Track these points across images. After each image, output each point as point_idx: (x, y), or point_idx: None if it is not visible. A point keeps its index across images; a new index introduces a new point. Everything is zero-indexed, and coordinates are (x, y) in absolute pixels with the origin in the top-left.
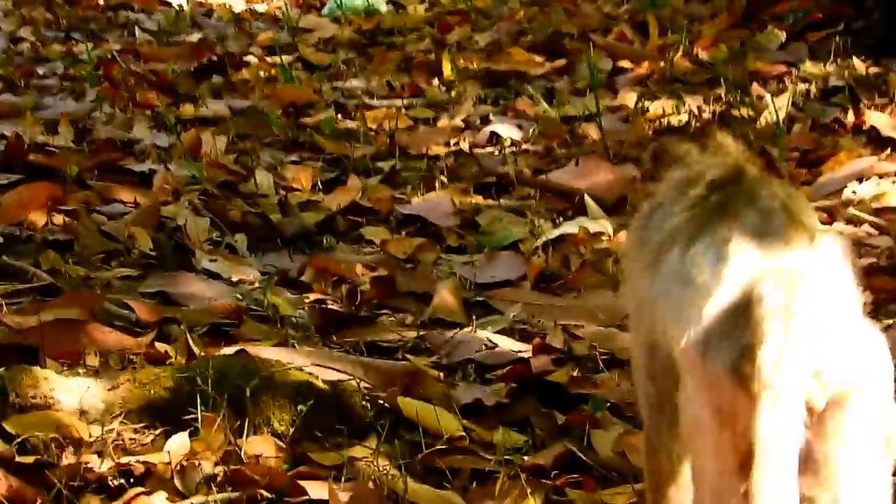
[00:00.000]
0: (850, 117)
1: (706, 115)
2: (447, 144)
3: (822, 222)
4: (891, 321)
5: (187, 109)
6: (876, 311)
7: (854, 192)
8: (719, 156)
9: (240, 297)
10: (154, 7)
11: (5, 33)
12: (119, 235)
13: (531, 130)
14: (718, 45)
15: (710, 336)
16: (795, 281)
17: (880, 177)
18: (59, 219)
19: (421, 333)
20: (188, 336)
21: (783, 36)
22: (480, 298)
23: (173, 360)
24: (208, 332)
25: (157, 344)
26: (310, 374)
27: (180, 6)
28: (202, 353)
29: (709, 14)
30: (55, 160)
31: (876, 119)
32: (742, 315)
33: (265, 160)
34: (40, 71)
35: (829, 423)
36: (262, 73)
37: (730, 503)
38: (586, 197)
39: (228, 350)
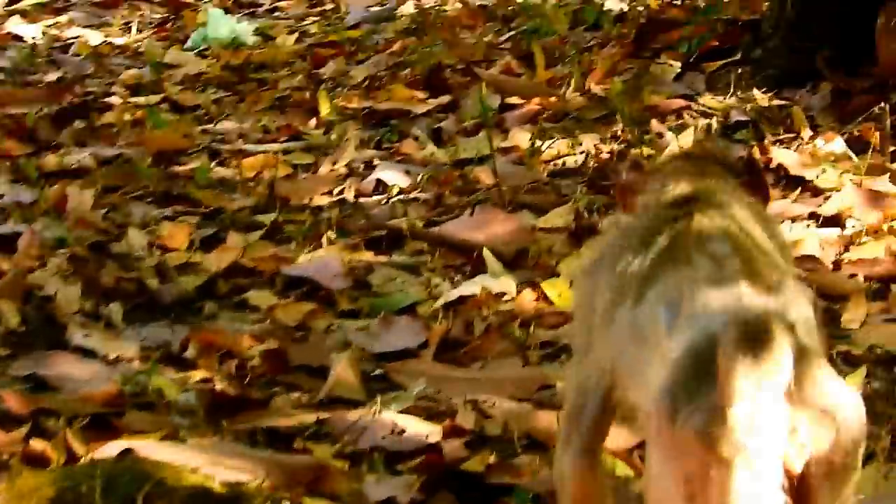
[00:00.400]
0: (756, 155)
1: (604, 156)
2: (331, 193)
3: None
4: None
5: (50, 160)
6: None
7: None
8: (671, 185)
9: (120, 380)
10: (5, 41)
11: None
12: None
13: (420, 176)
14: (612, 78)
15: (676, 398)
16: (762, 333)
17: (793, 220)
18: None
19: (321, 416)
20: (67, 432)
21: (678, 66)
22: (379, 371)
23: (54, 463)
24: (89, 424)
25: (33, 441)
26: (206, 474)
27: (34, 40)
28: (85, 453)
29: (598, 42)
30: None
31: (782, 156)
32: (707, 373)
33: (137, 215)
34: None
35: (808, 488)
36: (127, 116)
37: None
38: (485, 251)
39: (114, 445)
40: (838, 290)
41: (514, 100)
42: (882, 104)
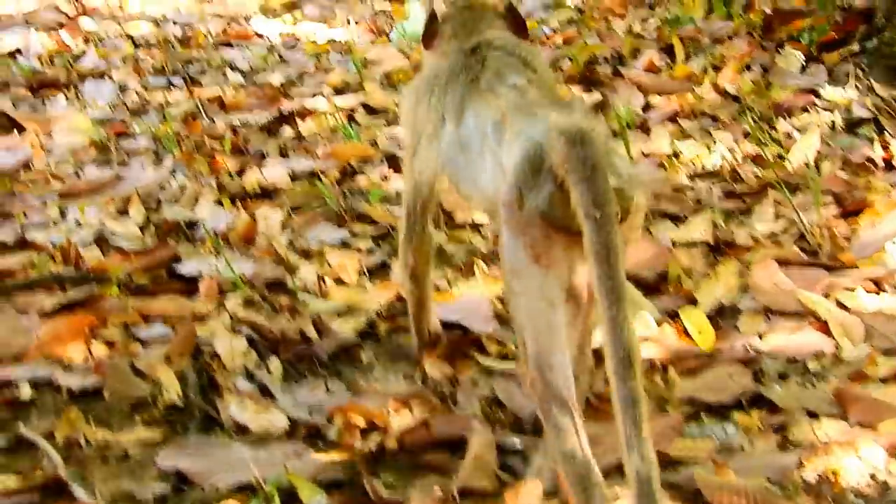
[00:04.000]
0: (878, 151)
1: (738, 157)
2: None
3: (868, 292)
4: None
5: (250, 178)
6: None
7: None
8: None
9: (259, 480)
10: (249, 39)
11: (116, 83)
12: (150, 373)
13: None
14: (742, 73)
15: (521, 188)
16: (582, 131)
17: None
18: (98, 348)
19: None
20: None
21: (802, 57)
22: (517, 444)
23: None
24: None
25: None
26: None
27: (268, 40)
28: None
29: (728, 33)
30: (106, 263)
31: None
32: (541, 169)
33: (315, 241)
34: (136, 127)
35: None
36: (332, 122)
37: (556, 338)
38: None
39: None
40: None
41: (655, 99)
42: None
